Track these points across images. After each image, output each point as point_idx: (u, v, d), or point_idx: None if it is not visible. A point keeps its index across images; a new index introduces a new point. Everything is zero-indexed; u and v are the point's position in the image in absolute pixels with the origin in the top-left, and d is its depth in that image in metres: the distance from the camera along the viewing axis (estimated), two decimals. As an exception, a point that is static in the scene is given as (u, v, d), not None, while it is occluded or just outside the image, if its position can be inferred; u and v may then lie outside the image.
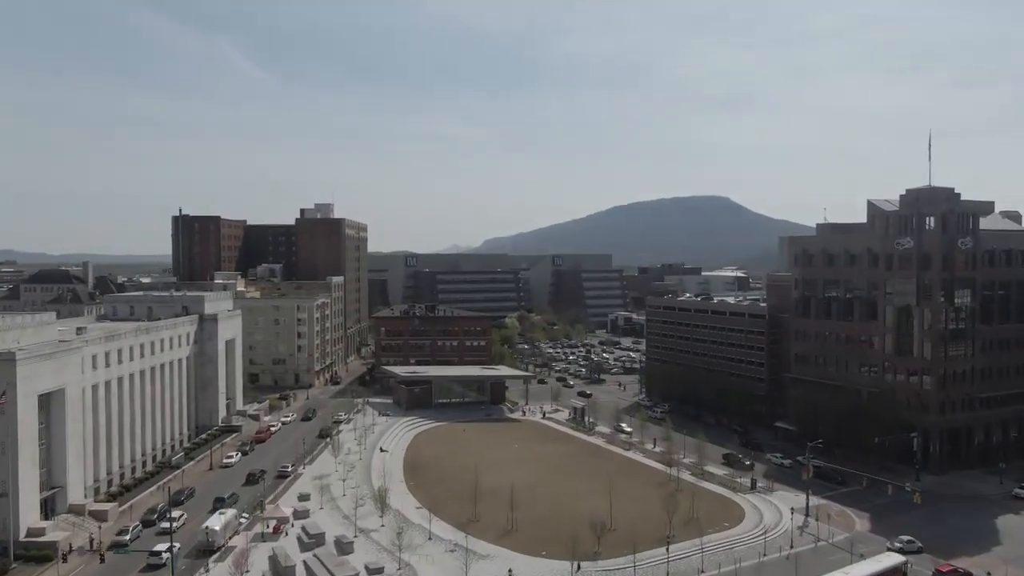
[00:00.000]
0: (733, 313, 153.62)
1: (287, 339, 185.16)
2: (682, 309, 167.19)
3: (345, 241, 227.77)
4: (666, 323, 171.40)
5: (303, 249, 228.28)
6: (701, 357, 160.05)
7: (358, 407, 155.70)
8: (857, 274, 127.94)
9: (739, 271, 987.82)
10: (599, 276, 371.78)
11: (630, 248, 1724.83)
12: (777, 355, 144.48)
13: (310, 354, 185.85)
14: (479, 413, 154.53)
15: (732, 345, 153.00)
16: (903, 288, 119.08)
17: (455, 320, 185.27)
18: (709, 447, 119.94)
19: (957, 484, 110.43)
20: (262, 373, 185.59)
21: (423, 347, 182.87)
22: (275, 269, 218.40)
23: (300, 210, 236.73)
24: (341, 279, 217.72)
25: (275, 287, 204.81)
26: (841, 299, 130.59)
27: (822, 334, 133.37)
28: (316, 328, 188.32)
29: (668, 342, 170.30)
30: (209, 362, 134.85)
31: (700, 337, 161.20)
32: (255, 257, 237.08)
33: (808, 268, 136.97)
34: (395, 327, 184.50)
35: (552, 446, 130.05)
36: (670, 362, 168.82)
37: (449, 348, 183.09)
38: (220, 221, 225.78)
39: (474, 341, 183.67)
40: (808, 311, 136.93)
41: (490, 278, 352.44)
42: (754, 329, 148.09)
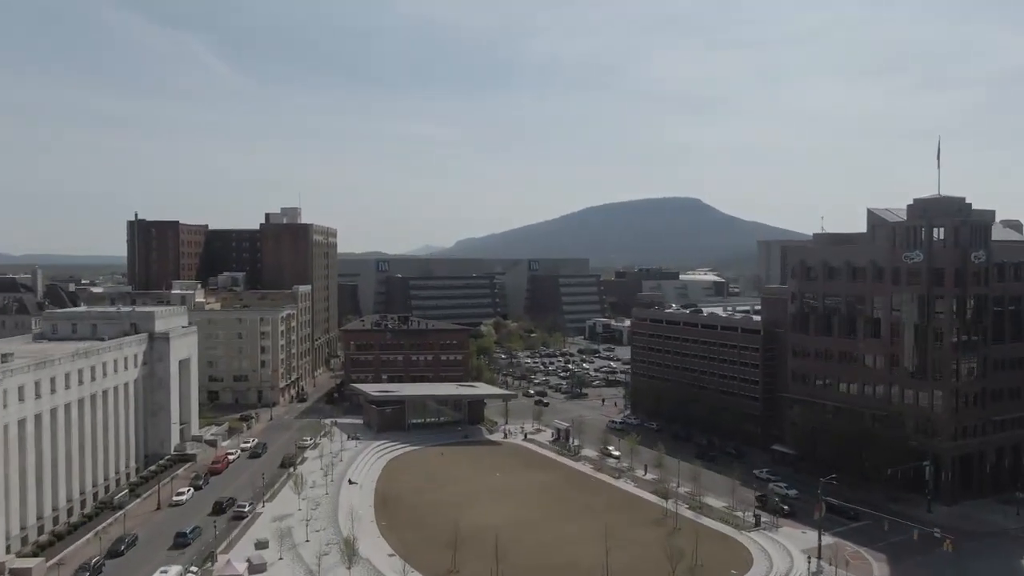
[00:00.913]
0: (725, 327, 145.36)
1: (250, 354, 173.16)
2: (670, 322, 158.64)
3: (312, 247, 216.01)
4: (652, 336, 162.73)
5: (268, 256, 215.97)
6: (690, 373, 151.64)
7: (325, 429, 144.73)
8: (860, 288, 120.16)
9: (711, 272, 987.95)
10: (576, 281, 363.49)
11: (603, 249, 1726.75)
12: (772, 373, 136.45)
13: (274, 370, 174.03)
14: (456, 435, 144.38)
15: (724, 361, 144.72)
16: (912, 304, 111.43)
17: (430, 333, 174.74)
18: (705, 474, 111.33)
19: (972, 516, 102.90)
20: (223, 391, 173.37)
21: (395, 362, 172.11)
22: (238, 278, 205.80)
23: (265, 215, 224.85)
24: (308, 288, 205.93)
25: (237, 297, 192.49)
26: (843, 314, 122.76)
27: (822, 351, 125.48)
28: (281, 342, 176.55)
29: (655, 356, 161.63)
30: (160, 386, 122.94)
31: (689, 352, 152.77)
32: (218, 264, 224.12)
33: (806, 281, 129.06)
34: (365, 340, 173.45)
35: (536, 475, 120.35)
36: (657, 377, 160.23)
37: (423, 363, 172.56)
38: (179, 226, 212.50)
39: (450, 355, 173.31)
40: (806, 327, 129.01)
41: (465, 284, 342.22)
42: (748, 345, 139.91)
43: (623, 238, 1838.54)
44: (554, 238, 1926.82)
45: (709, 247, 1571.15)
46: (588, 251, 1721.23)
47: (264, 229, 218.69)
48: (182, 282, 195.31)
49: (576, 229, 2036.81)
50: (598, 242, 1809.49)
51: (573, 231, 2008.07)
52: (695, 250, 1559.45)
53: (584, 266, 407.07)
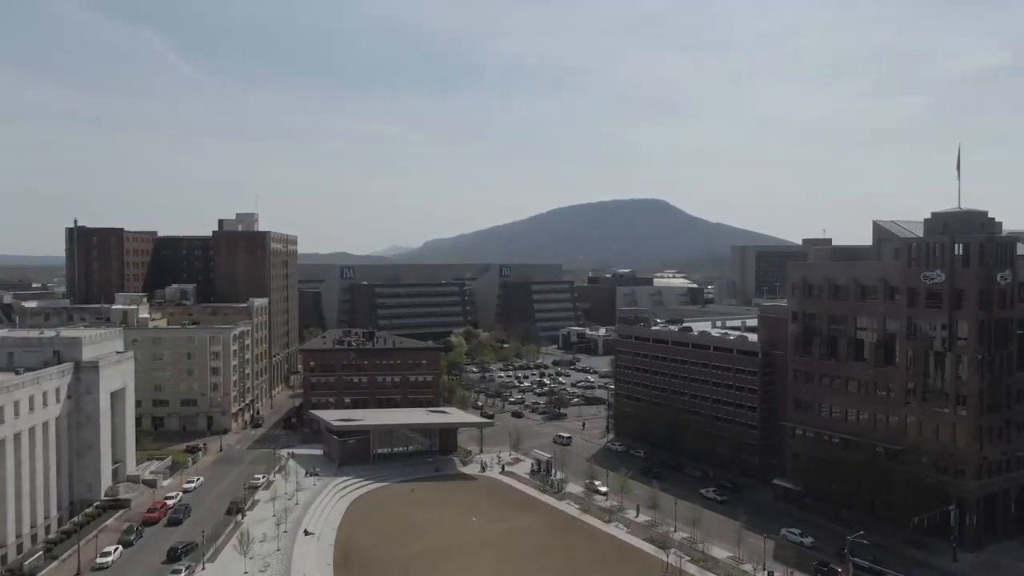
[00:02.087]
0: (719, 348, 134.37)
1: (199, 376, 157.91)
2: (657, 341, 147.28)
3: (270, 256, 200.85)
4: (638, 355, 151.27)
5: (221, 266, 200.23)
6: (680, 396, 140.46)
7: (280, 463, 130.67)
8: (870, 309, 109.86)
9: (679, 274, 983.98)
10: (549, 288, 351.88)
11: (572, 250, 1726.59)
12: (772, 399, 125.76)
13: (226, 394, 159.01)
14: (427, 468, 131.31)
15: (718, 385, 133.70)
16: (931, 328, 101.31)
17: (397, 352, 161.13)
18: (705, 515, 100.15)
19: (1001, 564, 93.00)
20: (168, 417, 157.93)
21: (360, 384, 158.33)
22: (187, 290, 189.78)
23: (219, 221, 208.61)
24: (265, 301, 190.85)
25: (186, 312, 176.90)
26: (850, 337, 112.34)
27: (827, 377, 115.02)
28: (234, 362, 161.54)
29: (640, 377, 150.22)
30: (88, 422, 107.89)
31: (679, 373, 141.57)
32: (168, 274, 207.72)
33: (809, 300, 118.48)
34: (326, 360, 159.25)
35: (517, 519, 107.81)
36: (643, 400, 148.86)
37: (391, 384, 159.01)
38: (123, 234, 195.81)
39: (420, 376, 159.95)
40: (809, 349, 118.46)
41: (434, 291, 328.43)
42: (744, 368, 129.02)
43: (591, 239, 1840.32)
44: (523, 239, 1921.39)
45: (676, 248, 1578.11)
46: (557, 252, 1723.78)
47: (217, 237, 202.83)
48: (126, 295, 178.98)
49: (545, 230, 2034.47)
50: (566, 243, 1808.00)
51: (542, 232, 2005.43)
52: (662, 251, 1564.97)
53: (557, 272, 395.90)
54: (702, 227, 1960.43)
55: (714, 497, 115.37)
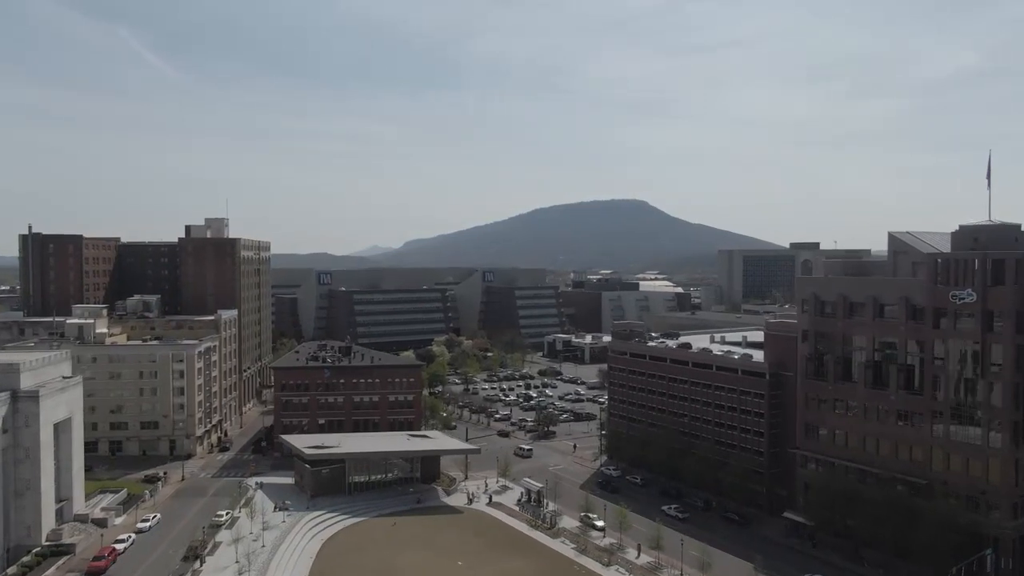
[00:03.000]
0: (722, 367, 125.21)
1: (161, 397, 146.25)
2: (654, 358, 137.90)
3: (241, 265, 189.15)
4: (634, 373, 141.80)
5: (188, 275, 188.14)
6: (680, 418, 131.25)
7: (248, 495, 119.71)
8: (890, 329, 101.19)
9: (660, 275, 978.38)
10: (533, 294, 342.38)
11: (553, 250, 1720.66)
12: (780, 423, 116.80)
13: (190, 415, 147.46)
14: (408, 499, 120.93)
15: (721, 407, 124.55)
16: (961, 353, 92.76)
17: (376, 370, 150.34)
18: (716, 555, 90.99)
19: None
20: (127, 441, 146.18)
21: (335, 404, 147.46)
22: (150, 302, 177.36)
23: (185, 227, 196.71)
24: (234, 313, 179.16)
25: (148, 326, 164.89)
26: (868, 360, 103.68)
27: (842, 402, 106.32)
28: (199, 381, 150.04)
29: (636, 396, 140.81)
30: (27, 457, 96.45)
31: (678, 393, 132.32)
32: (132, 283, 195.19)
33: (821, 318, 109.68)
34: (299, 379, 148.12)
35: (508, 562, 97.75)
36: (638, 421, 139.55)
37: (369, 404, 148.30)
38: (83, 241, 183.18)
39: (400, 395, 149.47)
40: (822, 372, 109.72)
41: (415, 297, 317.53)
42: (750, 389, 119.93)
43: (573, 239, 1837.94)
44: (505, 239, 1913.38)
45: (656, 248, 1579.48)
46: (539, 252, 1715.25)
47: (183, 244, 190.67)
48: (85, 307, 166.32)
49: (526, 230, 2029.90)
50: (548, 243, 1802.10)
51: (523, 232, 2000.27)
52: (643, 251, 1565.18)
53: (541, 277, 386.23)
54: (682, 228, 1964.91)
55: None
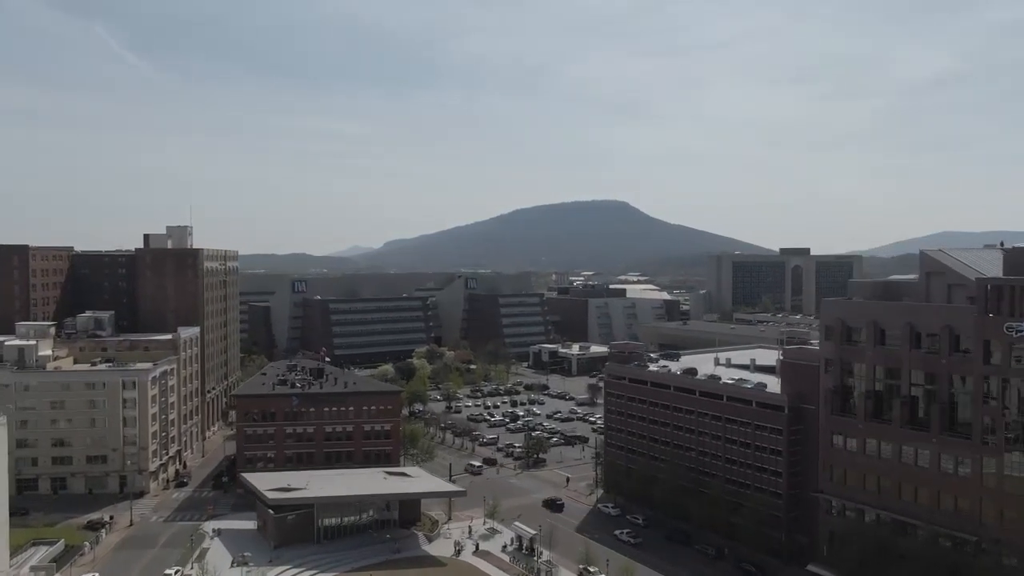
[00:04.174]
0: (733, 398, 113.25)
1: (110, 427, 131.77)
2: (657, 385, 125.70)
3: (204, 277, 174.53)
4: (633, 401, 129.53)
5: (146, 289, 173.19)
6: (687, 453, 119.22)
7: (203, 544, 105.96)
8: (931, 363, 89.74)
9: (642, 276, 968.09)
10: (517, 301, 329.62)
11: (535, 251, 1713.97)
12: (801, 462, 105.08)
13: (143, 447, 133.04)
14: (385, 548, 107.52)
15: (733, 442, 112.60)
16: (1021, 395, 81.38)
17: (351, 397, 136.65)
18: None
19: None
20: (72, 477, 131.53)
21: (305, 435, 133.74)
22: (103, 319, 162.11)
23: (144, 236, 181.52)
24: (196, 331, 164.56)
25: (99, 347, 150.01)
26: (905, 396, 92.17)
27: (874, 442, 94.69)
28: (153, 409, 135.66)
29: (637, 426, 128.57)
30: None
31: (684, 425, 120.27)
32: (87, 297, 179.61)
33: (849, 346, 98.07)
34: (264, 407, 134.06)
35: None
36: (640, 453, 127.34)
37: (342, 435, 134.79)
38: (29, 251, 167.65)
39: (377, 424, 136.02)
40: (848, 407, 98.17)
41: (394, 306, 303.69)
42: (766, 424, 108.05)
43: (554, 239, 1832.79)
44: (486, 240, 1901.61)
45: (638, 249, 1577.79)
46: (520, 253, 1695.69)
47: (141, 255, 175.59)
48: (29, 325, 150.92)
49: (507, 231, 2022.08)
50: (529, 243, 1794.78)
51: (504, 233, 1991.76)
52: (624, 251, 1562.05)
53: (526, 282, 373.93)
54: (662, 229, 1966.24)
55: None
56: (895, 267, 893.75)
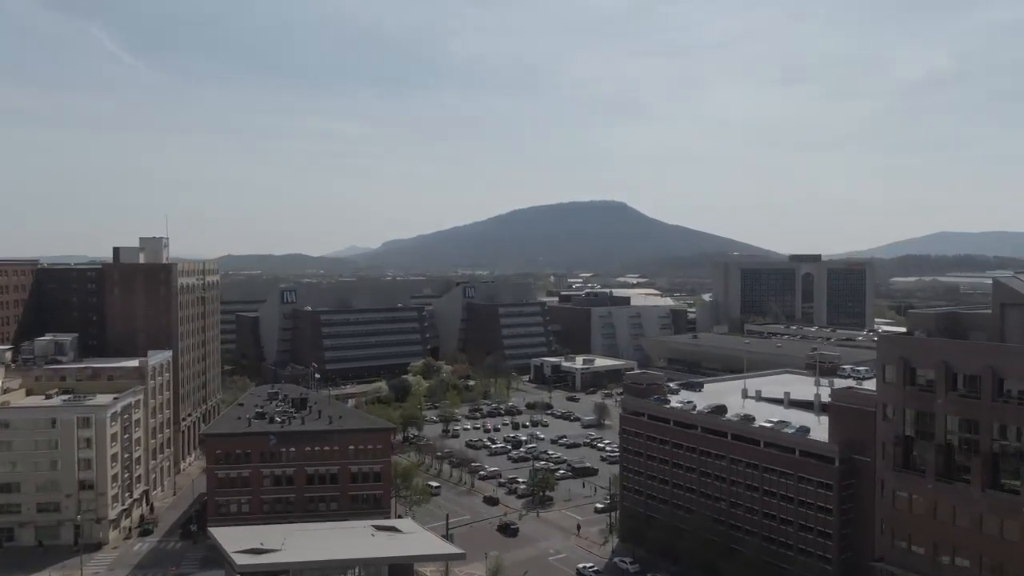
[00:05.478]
0: (772, 444, 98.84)
1: (64, 471, 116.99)
2: (680, 424, 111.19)
3: (178, 294, 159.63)
4: (653, 441, 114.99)
5: (114, 308, 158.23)
6: (716, 503, 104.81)
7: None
8: (1019, 416, 75.48)
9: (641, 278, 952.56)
10: (517, 311, 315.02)
11: (532, 251, 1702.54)
12: (855, 523, 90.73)
13: (101, 492, 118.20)
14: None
15: (772, 495, 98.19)
16: None
17: (335, 435, 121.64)
18: None
19: None
20: (20, 528, 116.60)
21: (284, 479, 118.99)
22: (64, 343, 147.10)
23: (113, 249, 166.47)
24: (167, 355, 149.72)
25: (58, 376, 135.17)
26: (986, 454, 77.88)
27: (946, 506, 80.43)
28: (114, 448, 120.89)
29: (658, 470, 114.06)
30: None
31: (713, 471, 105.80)
32: (54, 315, 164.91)
33: (914, 391, 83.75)
34: (238, 447, 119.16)
35: None
36: (661, 500, 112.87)
37: (327, 478, 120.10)
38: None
39: (365, 465, 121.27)
40: (911, 461, 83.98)
41: (389, 317, 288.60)
42: (813, 476, 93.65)
43: (552, 240, 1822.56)
44: (484, 240, 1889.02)
45: (636, 249, 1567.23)
46: (518, 254, 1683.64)
47: (108, 271, 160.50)
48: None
49: (505, 231, 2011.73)
50: (527, 244, 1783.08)
51: (502, 233, 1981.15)
52: (622, 252, 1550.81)
53: (526, 290, 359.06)
54: (660, 229, 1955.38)
55: None
56: (896, 268, 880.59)
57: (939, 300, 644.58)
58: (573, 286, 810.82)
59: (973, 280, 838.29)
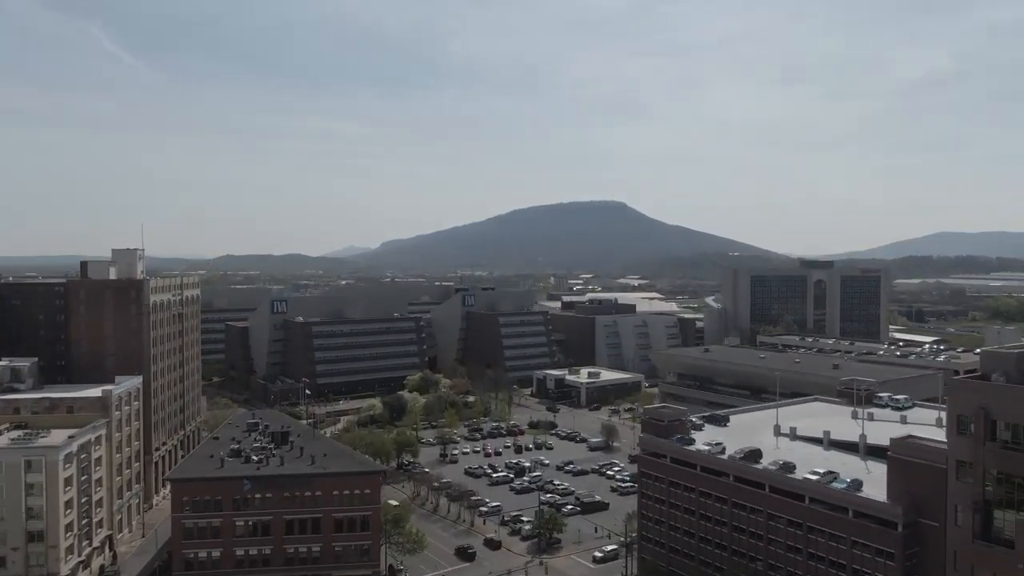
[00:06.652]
0: (819, 500, 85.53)
1: (10, 521, 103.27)
2: (710, 471, 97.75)
3: (150, 313, 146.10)
4: (677, 488, 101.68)
5: (80, 329, 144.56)
6: (751, 563, 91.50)
7: None
8: None
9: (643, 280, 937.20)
10: (519, 320, 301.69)
11: (532, 251, 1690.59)
12: (922, 599, 77.50)
13: (53, 545, 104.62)
14: None
15: (820, 559, 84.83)
16: None
17: (317, 480, 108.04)
18: None
19: None
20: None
21: (261, 527, 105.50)
22: (21, 369, 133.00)
23: (81, 263, 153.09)
24: (136, 382, 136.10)
25: (12, 407, 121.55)
26: (1093, 529, 64.74)
27: (1040, 588, 67.30)
28: (67, 494, 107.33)
29: (683, 520, 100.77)
30: None
31: (749, 527, 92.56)
32: (19, 333, 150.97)
33: (994, 448, 70.60)
34: (207, 494, 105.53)
35: None
36: (686, 555, 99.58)
37: (308, 527, 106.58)
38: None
39: (351, 512, 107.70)
40: (994, 533, 70.72)
41: (384, 328, 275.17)
42: (870, 543, 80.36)
43: (551, 240, 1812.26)
44: (483, 240, 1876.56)
45: (636, 249, 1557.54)
46: (517, 254, 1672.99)
47: (72, 288, 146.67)
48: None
49: (505, 231, 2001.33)
50: (527, 244, 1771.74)
51: (502, 233, 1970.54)
52: (622, 252, 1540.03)
53: (528, 298, 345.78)
54: (660, 229, 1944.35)
55: None
56: (897, 270, 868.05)
57: (947, 304, 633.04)
58: (574, 288, 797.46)
59: (977, 282, 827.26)
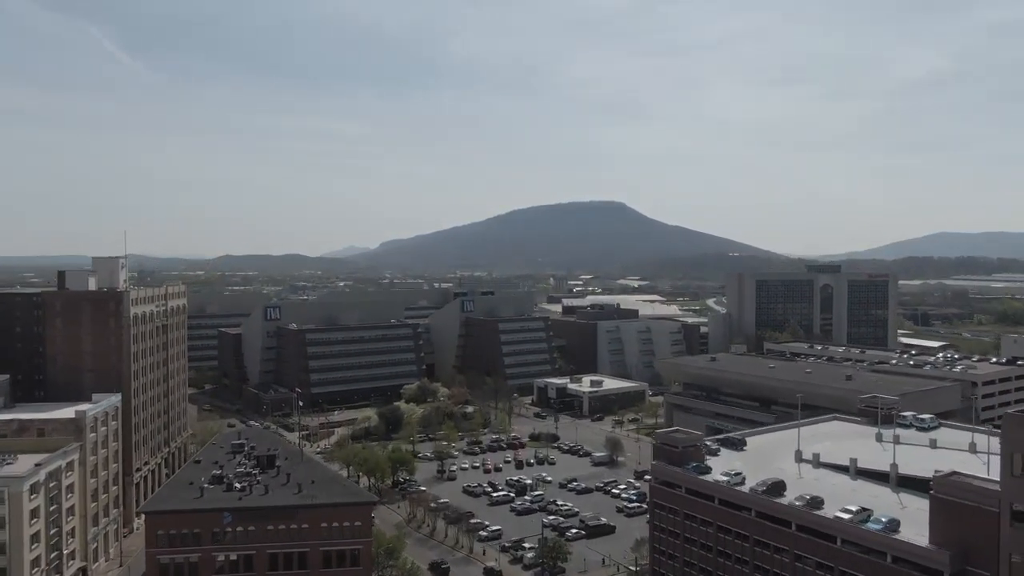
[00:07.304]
0: (851, 542, 77.73)
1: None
2: (728, 504, 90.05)
3: (131, 326, 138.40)
4: (692, 521, 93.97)
5: (56, 343, 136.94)
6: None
7: None
8: None
9: (643, 281, 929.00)
10: (519, 326, 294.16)
11: (531, 252, 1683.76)
12: (970, 658, 69.78)
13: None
14: None
15: (853, 608, 77.16)
16: None
17: (303, 512, 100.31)
18: None
19: None
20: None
21: (242, 564, 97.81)
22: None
23: (59, 273, 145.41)
24: (115, 400, 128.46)
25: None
26: None
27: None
28: (35, 527, 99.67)
29: (699, 556, 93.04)
30: None
31: (772, 567, 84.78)
32: None
33: (1058, 493, 62.89)
34: (184, 527, 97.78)
35: None
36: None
37: (294, 562, 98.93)
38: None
39: (341, 545, 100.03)
40: (1058, 585, 63.02)
41: (381, 335, 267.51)
42: (910, 591, 72.68)
43: (551, 240, 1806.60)
44: (483, 240, 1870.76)
45: (635, 250, 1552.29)
46: (517, 254, 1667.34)
47: (49, 300, 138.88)
48: None
49: (504, 231, 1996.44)
50: (526, 244, 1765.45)
51: (501, 233, 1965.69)
52: (621, 252, 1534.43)
53: (528, 303, 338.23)
54: (660, 229, 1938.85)
55: None
56: (898, 271, 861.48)
57: (950, 306, 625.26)
58: (574, 289, 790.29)
59: (979, 283, 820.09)
